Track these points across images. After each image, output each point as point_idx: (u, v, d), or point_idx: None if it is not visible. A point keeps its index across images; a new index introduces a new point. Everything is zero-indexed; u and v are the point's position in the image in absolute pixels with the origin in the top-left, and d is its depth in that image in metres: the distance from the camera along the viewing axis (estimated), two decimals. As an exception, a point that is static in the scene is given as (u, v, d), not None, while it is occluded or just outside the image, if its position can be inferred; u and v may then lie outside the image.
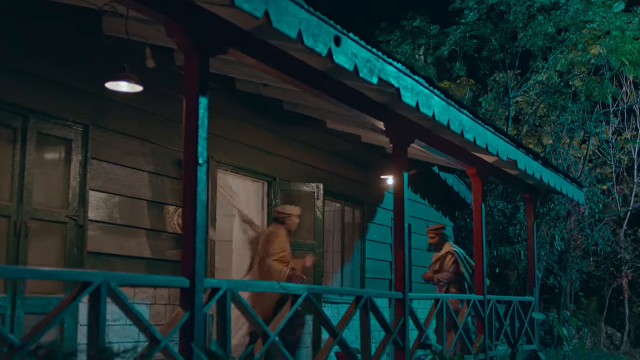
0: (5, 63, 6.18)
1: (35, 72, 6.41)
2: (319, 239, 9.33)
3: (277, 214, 8.63)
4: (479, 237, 9.05)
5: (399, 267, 6.92)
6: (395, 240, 7.03)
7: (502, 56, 18.12)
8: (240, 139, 8.84)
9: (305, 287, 5.38)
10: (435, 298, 7.77)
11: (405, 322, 6.82)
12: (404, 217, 7.00)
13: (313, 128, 10.12)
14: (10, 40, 6.25)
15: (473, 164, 8.92)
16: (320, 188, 9.41)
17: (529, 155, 8.75)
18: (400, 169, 7.06)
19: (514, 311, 10.05)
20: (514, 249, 15.94)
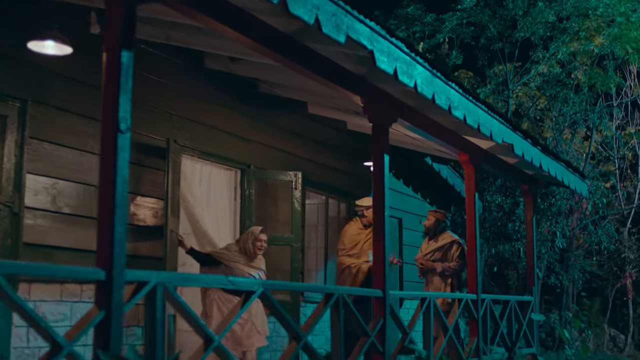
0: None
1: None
2: (297, 233, 8.52)
3: (355, 207, 8.93)
4: (472, 230, 8.22)
5: (378, 261, 6.10)
6: (374, 231, 6.21)
7: (501, 45, 17.32)
8: (210, 122, 8.05)
9: (260, 283, 4.57)
10: (422, 297, 6.94)
11: (385, 324, 6.00)
12: (384, 205, 6.18)
13: (293, 113, 9.31)
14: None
15: (465, 150, 8.09)
16: (299, 177, 8.60)
17: (526, 139, 7.92)
18: (381, 151, 6.24)
19: (512, 312, 9.22)
20: (513, 247, 15.13)
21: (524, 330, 9.52)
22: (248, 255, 7.33)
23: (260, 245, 7.41)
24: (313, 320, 5.09)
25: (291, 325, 4.83)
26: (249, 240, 7.35)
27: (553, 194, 15.00)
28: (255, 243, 7.36)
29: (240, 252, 7.34)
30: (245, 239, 7.38)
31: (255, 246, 7.36)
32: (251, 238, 7.36)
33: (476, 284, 8.08)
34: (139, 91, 7.26)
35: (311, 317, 5.17)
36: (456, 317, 7.57)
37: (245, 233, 7.49)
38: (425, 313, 6.93)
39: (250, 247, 7.32)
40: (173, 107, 7.54)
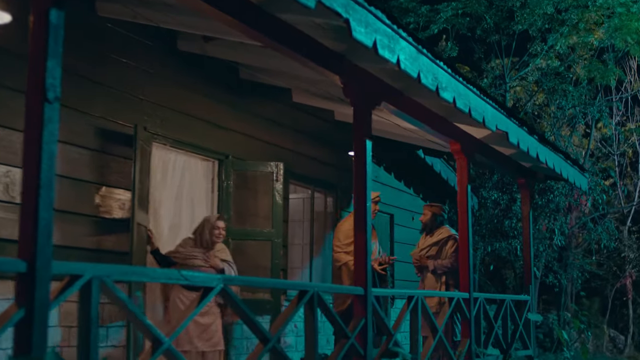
0: None
1: None
2: (278, 228, 8.00)
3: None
4: (465, 225, 7.71)
5: (359, 255, 5.59)
6: (355, 223, 5.70)
7: (498, 38, 16.79)
8: (185, 109, 7.54)
9: (220, 278, 4.05)
10: (409, 295, 6.43)
11: (367, 325, 5.49)
12: (366, 194, 5.67)
13: (276, 101, 8.81)
14: None
15: (457, 139, 7.59)
16: (280, 168, 8.08)
17: (522, 127, 7.42)
18: (362, 137, 5.74)
19: (507, 312, 8.72)
20: (510, 245, 14.61)
21: (520, 331, 9.02)
22: (205, 246, 6.81)
23: (218, 233, 6.90)
24: (283, 321, 4.57)
25: (257, 327, 4.32)
26: (206, 229, 6.83)
27: (551, 189, 14.49)
28: (212, 231, 6.84)
29: (196, 245, 6.81)
30: (202, 229, 6.85)
31: (213, 234, 6.84)
32: (208, 227, 6.84)
33: (468, 282, 7.58)
34: (104, 73, 6.83)
35: (280, 317, 4.65)
36: (446, 317, 7.06)
37: (201, 222, 6.94)
38: (412, 313, 6.42)
39: (208, 237, 6.80)
40: (143, 92, 7.03)
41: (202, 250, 6.82)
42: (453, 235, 8.30)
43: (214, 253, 6.84)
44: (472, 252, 7.74)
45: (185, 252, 6.77)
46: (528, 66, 17.07)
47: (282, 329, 4.51)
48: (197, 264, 6.74)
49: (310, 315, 4.88)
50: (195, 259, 6.76)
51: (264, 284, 5.68)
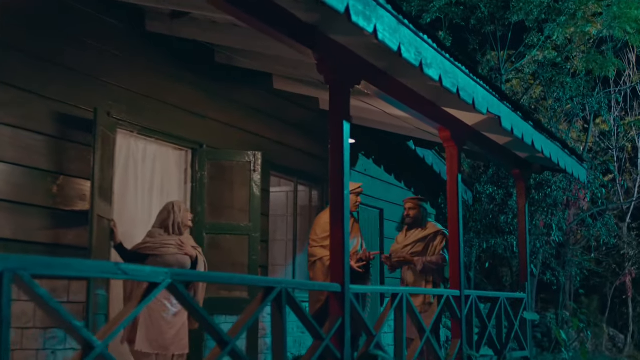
0: None
1: None
2: (256, 221, 7.48)
3: None
4: (455, 218, 7.20)
5: (336, 249, 5.07)
6: (332, 214, 5.18)
7: (493, 28, 16.30)
8: (155, 95, 7.03)
9: (168, 272, 3.53)
10: (393, 293, 5.91)
11: (345, 325, 4.98)
12: (343, 182, 5.16)
13: (256, 87, 8.30)
14: None
15: (446, 125, 7.07)
16: (258, 158, 7.56)
17: (517, 112, 6.90)
18: (339, 118, 5.22)
19: (501, 310, 8.20)
20: (506, 241, 14.09)
21: (515, 331, 8.50)
22: (177, 233, 6.30)
23: (191, 217, 6.45)
24: (244, 322, 4.05)
25: (212, 327, 3.80)
26: (178, 213, 6.31)
27: (548, 183, 13.98)
28: (185, 214, 6.36)
29: (168, 233, 6.29)
30: (173, 214, 6.31)
31: (186, 217, 6.37)
32: (179, 211, 6.32)
33: (459, 279, 7.07)
34: (64, 54, 6.31)
35: (242, 317, 4.13)
36: (435, 317, 6.54)
37: (165, 210, 6.39)
38: (397, 311, 5.90)
39: (181, 221, 6.30)
40: (107, 75, 6.50)
41: (175, 237, 6.31)
42: (441, 230, 7.75)
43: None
44: (463, 247, 7.20)
45: (157, 242, 6.24)
46: (524, 57, 16.57)
47: (242, 331, 3.99)
48: (172, 252, 6.23)
49: (277, 315, 4.37)
50: (169, 247, 6.24)
51: (220, 279, 5.11)
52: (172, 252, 6.22)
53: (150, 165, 7.18)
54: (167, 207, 6.41)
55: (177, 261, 6.20)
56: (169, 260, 6.15)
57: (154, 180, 7.20)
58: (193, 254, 6.32)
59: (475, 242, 14.20)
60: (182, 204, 6.47)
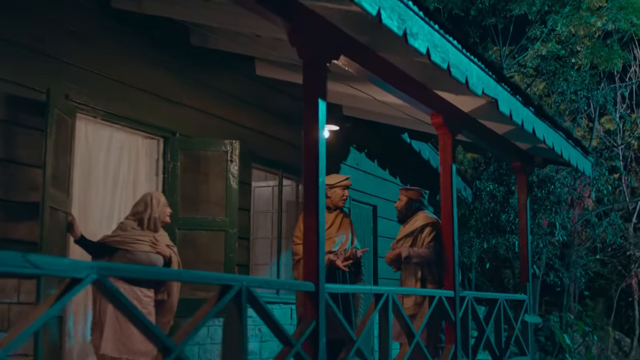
0: None
1: None
2: (233, 216, 6.89)
3: None
4: (449, 212, 6.61)
5: (309, 243, 4.48)
6: (305, 203, 4.59)
7: (494, 21, 15.71)
8: (122, 78, 6.45)
9: (94, 266, 2.95)
10: (377, 292, 5.30)
11: (319, 329, 4.39)
12: (317, 167, 4.57)
13: (236, 73, 7.74)
14: None
15: (439, 110, 6.48)
16: (236, 147, 6.97)
17: (516, 96, 6.31)
18: (314, 95, 4.63)
19: (500, 313, 7.61)
20: (508, 240, 13.47)
21: (516, 335, 7.91)
22: (152, 229, 5.74)
23: (169, 213, 5.90)
24: (192, 326, 3.46)
25: (152, 332, 3.22)
26: (156, 207, 5.75)
27: (552, 180, 13.36)
28: (163, 210, 5.80)
29: (141, 227, 5.73)
30: (150, 208, 5.75)
31: (164, 213, 5.81)
32: (155, 204, 5.76)
33: (453, 278, 6.47)
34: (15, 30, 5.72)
35: (192, 321, 3.54)
36: (425, 320, 5.94)
37: (142, 201, 5.82)
38: (381, 314, 5.31)
39: (158, 215, 5.75)
40: (67, 54, 5.92)
41: (149, 234, 5.74)
42: (431, 221, 7.05)
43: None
44: (458, 244, 6.60)
45: (128, 236, 5.66)
46: (527, 51, 15.98)
47: (190, 337, 3.40)
48: (144, 249, 5.66)
49: (236, 317, 3.78)
50: (142, 244, 5.67)
51: (167, 275, 4.47)
52: (145, 249, 5.66)
53: (116, 154, 6.60)
54: (144, 198, 5.85)
55: (148, 260, 5.64)
56: (140, 258, 5.60)
57: (120, 171, 6.62)
58: (167, 253, 5.77)
59: (476, 241, 13.60)
60: (162, 197, 5.89)
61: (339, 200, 7.08)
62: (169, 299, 5.79)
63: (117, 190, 6.55)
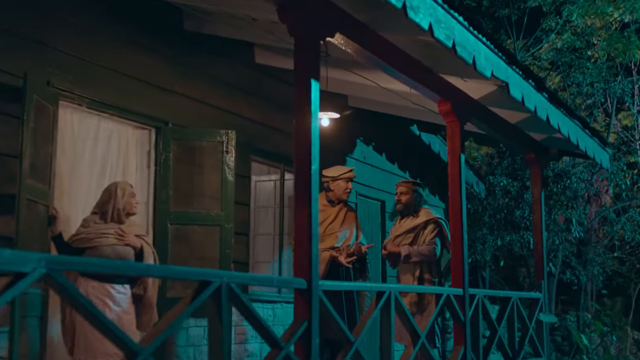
0: None
1: None
2: (229, 210, 6.52)
3: (322, 177, 6.62)
4: (457, 206, 6.21)
5: (301, 235, 4.10)
6: (296, 193, 4.21)
7: (508, 12, 15.27)
8: (111, 63, 6.12)
9: (42, 259, 2.58)
10: (379, 290, 4.91)
11: (311, 329, 4.01)
12: (310, 152, 4.19)
13: (234, 60, 7.39)
14: None
15: (446, 96, 6.08)
16: (232, 138, 6.61)
17: (528, 80, 5.90)
18: (306, 75, 4.27)
19: (514, 312, 7.20)
20: (522, 237, 13.02)
21: (530, 335, 7.49)
22: (115, 220, 5.37)
23: (135, 203, 5.55)
24: (163, 327, 3.09)
25: (115, 334, 2.85)
26: (120, 197, 5.40)
27: (568, 174, 12.89)
28: (129, 201, 5.46)
29: (105, 221, 5.37)
30: (114, 198, 5.40)
31: (130, 204, 5.47)
32: (120, 195, 5.41)
33: (462, 275, 6.07)
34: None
35: (162, 321, 3.17)
36: (432, 319, 5.54)
37: (106, 192, 5.47)
38: (383, 313, 4.92)
39: (121, 207, 5.42)
40: (49, 37, 5.58)
41: (114, 226, 5.38)
42: (434, 218, 6.68)
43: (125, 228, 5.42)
44: (467, 240, 6.20)
45: (91, 232, 5.31)
46: (541, 42, 15.53)
47: (159, 339, 3.02)
48: (110, 242, 5.31)
49: (215, 317, 3.40)
50: (107, 237, 5.32)
51: (127, 268, 3.99)
52: (110, 242, 5.30)
53: (104, 145, 6.24)
54: (108, 188, 5.50)
55: (115, 253, 5.29)
56: (106, 253, 5.26)
57: (109, 163, 6.26)
58: (137, 244, 5.40)
59: (489, 239, 13.15)
60: (128, 186, 5.53)
61: (343, 194, 6.72)
62: (145, 295, 5.43)
63: (104, 182, 6.17)
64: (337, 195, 6.67)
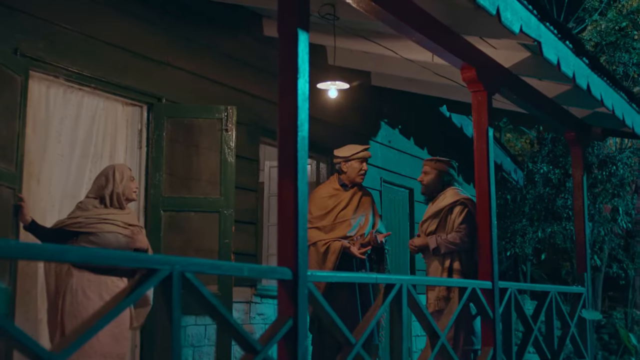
0: None
1: None
2: (229, 195, 5.84)
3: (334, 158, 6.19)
4: (485, 187, 5.45)
5: (286, 216, 3.40)
6: (280, 166, 3.50)
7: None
8: (93, 31, 5.50)
9: None
10: (388, 283, 4.18)
11: (297, 330, 3.30)
12: (296, 117, 3.48)
13: (241, 34, 6.70)
14: None
15: (471, 62, 5.33)
16: (232, 114, 5.93)
17: (565, 41, 5.12)
18: (290, 24, 3.54)
19: (552, 308, 6.41)
20: (565, 229, 12.14)
21: (571, 333, 6.70)
22: (115, 206, 4.78)
23: (136, 187, 5.00)
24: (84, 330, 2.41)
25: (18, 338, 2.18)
26: (119, 181, 4.81)
27: (613, 160, 11.97)
28: (129, 184, 4.89)
29: (105, 206, 4.78)
30: (112, 182, 4.81)
31: (130, 188, 4.90)
32: (120, 178, 4.82)
33: (491, 266, 5.32)
34: None
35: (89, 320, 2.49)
36: (454, 317, 4.80)
37: (103, 175, 4.89)
38: (393, 307, 4.20)
39: (121, 191, 4.85)
40: (16, 0, 4.95)
41: (118, 212, 4.80)
42: (461, 198, 5.81)
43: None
44: (496, 223, 5.43)
45: (91, 216, 4.71)
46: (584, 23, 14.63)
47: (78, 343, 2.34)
48: (112, 230, 4.72)
49: (165, 311, 2.72)
50: (108, 223, 4.72)
51: (39, 254, 3.19)
52: (112, 229, 4.71)
53: (87, 123, 5.60)
54: (105, 171, 4.90)
55: (117, 242, 4.69)
56: (108, 240, 4.68)
57: (93, 143, 5.62)
58: (145, 245, 4.82)
59: (529, 230, 12.30)
60: (126, 169, 4.93)
61: (357, 176, 6.00)
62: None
63: (86, 165, 5.55)
64: (350, 178, 5.96)
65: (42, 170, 5.26)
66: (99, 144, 5.65)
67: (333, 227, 5.87)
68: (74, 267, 4.65)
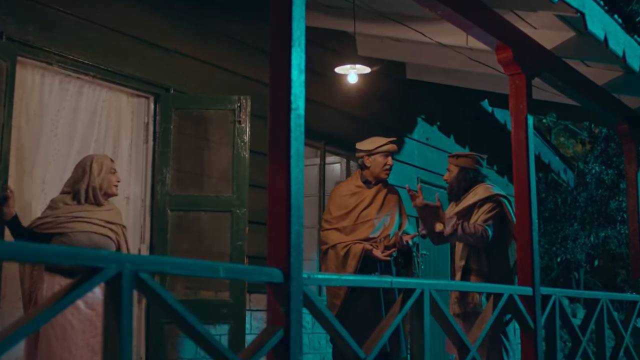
0: None
1: None
2: (242, 193, 5.34)
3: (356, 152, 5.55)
4: (524, 183, 4.85)
5: (276, 207, 2.88)
6: (271, 147, 2.98)
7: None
8: (94, 16, 5.06)
9: None
10: (408, 288, 3.62)
11: (290, 341, 2.78)
12: (289, 97, 2.95)
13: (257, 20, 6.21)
14: None
15: (506, 41, 4.75)
16: (247, 105, 5.44)
17: (613, 15, 4.51)
18: None
19: (603, 317, 5.77)
20: (619, 233, 11.41)
21: (625, 345, 6.05)
22: (91, 201, 4.30)
23: (116, 180, 4.48)
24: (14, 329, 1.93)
25: None
26: (98, 172, 4.34)
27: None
28: (108, 178, 4.40)
29: (78, 202, 4.30)
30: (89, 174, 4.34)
31: (109, 182, 4.41)
32: (99, 169, 4.34)
33: (531, 271, 4.72)
34: None
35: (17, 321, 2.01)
36: (487, 327, 4.22)
37: (80, 167, 4.42)
38: (413, 314, 3.65)
39: (99, 184, 4.36)
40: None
41: (92, 208, 4.32)
42: (495, 194, 5.16)
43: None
44: (537, 222, 4.82)
45: (60, 215, 4.26)
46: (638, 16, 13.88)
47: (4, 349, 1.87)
48: (84, 229, 4.24)
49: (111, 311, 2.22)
50: (81, 222, 4.25)
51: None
52: (84, 228, 4.22)
53: (88, 115, 5.17)
54: (82, 163, 4.43)
55: (91, 242, 4.20)
56: (78, 240, 4.17)
57: (94, 137, 5.19)
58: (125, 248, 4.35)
59: (581, 234, 11.59)
60: (107, 160, 4.45)
61: (381, 172, 5.44)
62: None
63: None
64: (374, 174, 5.40)
65: (36, 166, 4.84)
66: (101, 138, 5.22)
67: (354, 228, 5.32)
68: (45, 271, 4.19)
